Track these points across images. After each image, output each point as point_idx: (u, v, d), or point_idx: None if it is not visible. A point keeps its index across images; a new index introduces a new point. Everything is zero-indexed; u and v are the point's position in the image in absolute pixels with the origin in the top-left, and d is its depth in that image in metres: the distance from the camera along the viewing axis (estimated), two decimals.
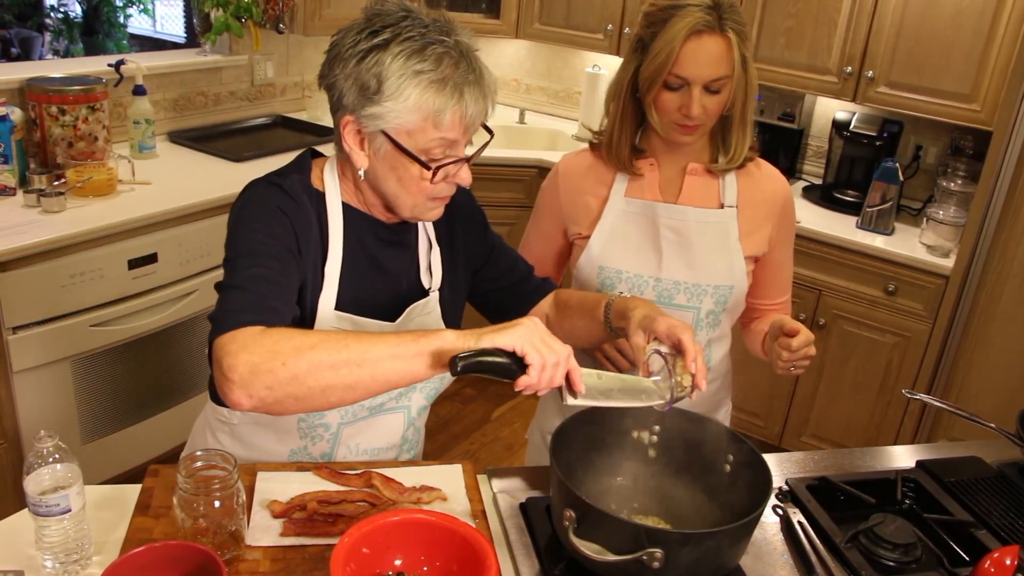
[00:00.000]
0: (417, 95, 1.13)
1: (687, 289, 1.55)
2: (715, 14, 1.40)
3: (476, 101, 1.16)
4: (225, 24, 3.19)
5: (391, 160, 1.19)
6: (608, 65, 3.67)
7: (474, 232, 1.45)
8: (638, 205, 1.56)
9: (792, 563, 1.25)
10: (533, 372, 1.06)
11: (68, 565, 1.10)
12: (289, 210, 1.20)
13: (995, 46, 2.64)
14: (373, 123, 1.16)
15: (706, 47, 1.40)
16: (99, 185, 2.51)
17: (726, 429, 1.29)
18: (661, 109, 1.47)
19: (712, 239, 1.55)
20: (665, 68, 1.42)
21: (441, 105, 1.14)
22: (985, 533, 1.31)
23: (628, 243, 1.56)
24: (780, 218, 1.61)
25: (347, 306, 1.27)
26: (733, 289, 1.56)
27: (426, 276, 1.38)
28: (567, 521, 1.09)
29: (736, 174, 1.58)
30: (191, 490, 1.09)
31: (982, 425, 1.53)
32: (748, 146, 1.55)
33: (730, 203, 1.57)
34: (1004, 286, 2.56)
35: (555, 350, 1.07)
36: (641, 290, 1.55)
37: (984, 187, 2.54)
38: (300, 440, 1.34)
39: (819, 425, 3.05)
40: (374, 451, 1.39)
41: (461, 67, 1.15)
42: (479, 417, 3.38)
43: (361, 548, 1.08)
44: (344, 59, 1.16)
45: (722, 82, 1.43)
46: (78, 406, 2.44)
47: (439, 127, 1.16)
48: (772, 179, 1.61)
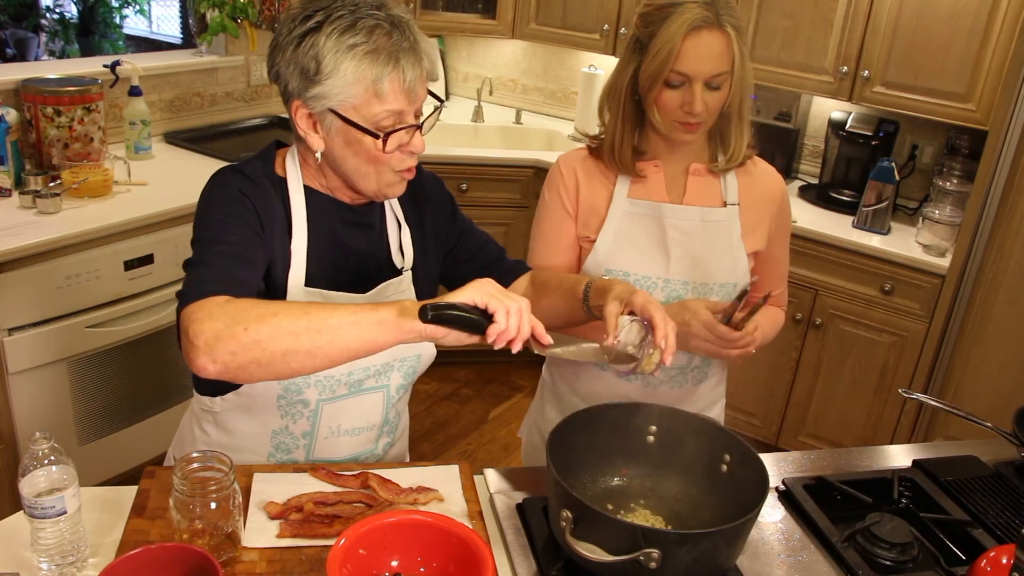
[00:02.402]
0: (354, 68, 1.16)
1: (695, 289, 1.55)
2: (712, 10, 1.40)
3: (412, 67, 1.19)
4: (221, 25, 3.18)
5: (344, 137, 1.23)
6: (604, 65, 3.67)
7: (442, 215, 1.48)
8: (644, 206, 1.56)
9: (789, 563, 1.26)
10: (500, 317, 1.09)
11: (64, 567, 1.10)
12: (250, 192, 1.24)
13: (990, 46, 2.64)
14: (320, 103, 1.20)
15: (706, 42, 1.41)
16: (95, 186, 2.50)
17: (723, 429, 1.29)
18: (663, 108, 1.47)
19: (717, 238, 1.56)
20: (666, 66, 1.42)
21: (378, 74, 1.17)
22: (981, 532, 1.31)
23: (635, 245, 1.56)
24: (778, 213, 1.63)
25: (317, 283, 1.30)
26: (737, 286, 1.56)
27: (398, 256, 1.41)
28: (564, 522, 1.09)
29: (736, 172, 1.59)
30: (187, 492, 1.09)
31: (978, 424, 1.53)
32: (747, 143, 1.56)
33: (732, 201, 1.58)
34: (1000, 285, 2.56)
35: (514, 298, 1.11)
36: (650, 291, 1.55)
37: (980, 186, 2.54)
38: (281, 420, 1.35)
39: (816, 425, 3.05)
40: (355, 431, 1.40)
41: (394, 36, 1.18)
42: (476, 418, 3.38)
43: (358, 549, 1.08)
44: (283, 47, 1.21)
45: (722, 78, 1.44)
46: (74, 408, 2.44)
47: (381, 97, 1.19)
48: (769, 175, 1.63)
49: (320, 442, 1.38)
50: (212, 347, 1.04)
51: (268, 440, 1.37)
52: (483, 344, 1.13)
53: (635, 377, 1.20)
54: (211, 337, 1.04)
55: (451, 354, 1.43)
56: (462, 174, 3.31)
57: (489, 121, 3.92)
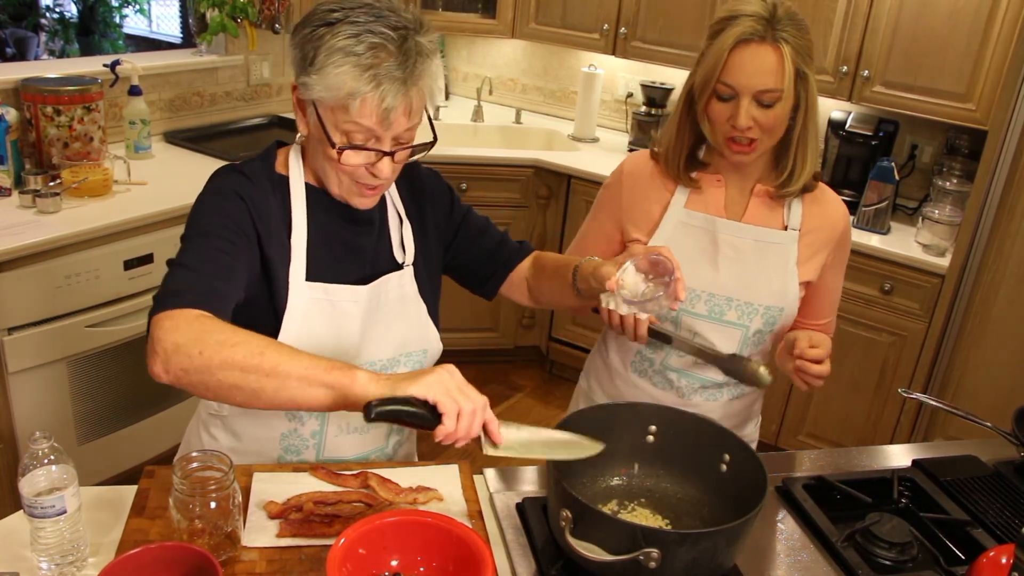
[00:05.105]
0: (336, 74, 1.16)
1: (739, 307, 1.55)
2: (768, 24, 1.39)
3: (395, 95, 1.17)
4: (221, 24, 3.18)
5: (318, 133, 1.24)
6: (604, 65, 3.67)
7: (441, 209, 1.48)
8: (699, 219, 1.55)
9: (789, 563, 1.26)
10: (448, 421, 1.05)
11: (64, 567, 1.10)
12: (246, 193, 1.25)
13: (990, 45, 2.64)
14: (306, 92, 1.21)
15: (754, 56, 1.39)
16: (95, 186, 2.50)
17: (723, 429, 1.29)
18: (713, 120, 1.46)
19: (771, 259, 1.55)
20: (713, 75, 1.42)
21: (354, 89, 1.16)
22: (981, 532, 1.31)
23: (685, 255, 1.54)
24: (837, 246, 1.60)
25: (317, 278, 1.31)
26: (783, 311, 1.56)
27: (399, 251, 1.41)
28: (563, 521, 1.09)
29: (802, 199, 1.57)
30: (187, 491, 1.09)
31: (978, 424, 1.53)
32: (810, 172, 1.52)
33: (794, 226, 1.56)
34: (1000, 285, 2.56)
35: (471, 398, 1.07)
36: (693, 303, 1.54)
37: (980, 186, 2.54)
38: (289, 422, 1.35)
39: (816, 424, 3.05)
40: (364, 428, 1.40)
41: (391, 61, 1.17)
42: None
43: (357, 549, 1.08)
44: (303, 26, 1.22)
45: (773, 95, 1.41)
46: (74, 407, 2.44)
47: (350, 112, 1.18)
48: (834, 206, 1.60)
49: (330, 441, 1.38)
50: (168, 358, 1.05)
51: (278, 443, 1.37)
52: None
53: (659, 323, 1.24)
54: (170, 349, 1.05)
55: (451, 354, 1.43)
56: (462, 174, 3.31)
57: (489, 121, 3.92)
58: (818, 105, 1.49)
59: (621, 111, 3.80)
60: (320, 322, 1.30)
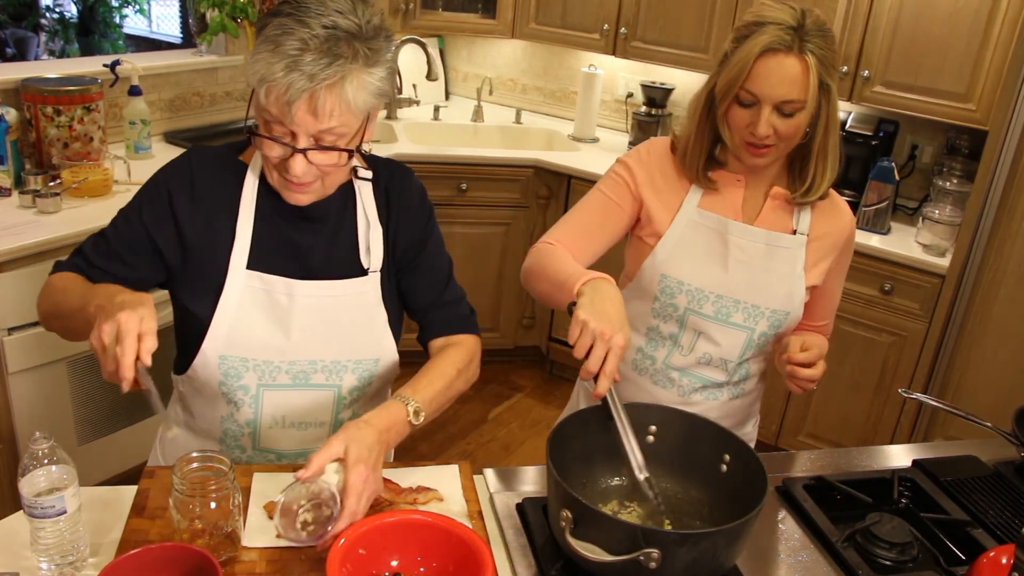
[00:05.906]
0: (257, 59, 1.18)
1: (746, 309, 1.55)
2: (795, 35, 1.38)
3: (299, 91, 1.15)
4: (221, 24, 3.18)
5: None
6: (604, 65, 3.67)
7: (417, 224, 1.43)
8: (711, 219, 1.55)
9: (789, 563, 1.26)
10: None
11: (64, 567, 1.10)
12: (175, 186, 1.32)
13: (990, 45, 2.64)
14: (249, 76, 1.23)
15: (780, 66, 1.39)
16: (95, 186, 2.50)
17: (723, 429, 1.29)
18: (732, 125, 1.47)
19: (779, 263, 1.55)
20: (737, 82, 1.41)
21: (265, 75, 1.17)
22: (981, 532, 1.31)
23: (695, 255, 1.55)
24: (842, 251, 1.61)
25: (258, 267, 1.34)
26: (789, 315, 1.56)
27: (365, 256, 1.39)
28: (564, 522, 1.09)
29: (811, 205, 1.57)
30: (187, 491, 1.09)
31: (978, 424, 1.53)
32: (830, 182, 1.52)
33: (803, 231, 1.56)
34: (1000, 285, 2.56)
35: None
36: (700, 304, 1.54)
37: (980, 186, 2.54)
38: (227, 406, 1.37)
39: (816, 424, 3.05)
40: (302, 425, 1.40)
41: (309, 57, 1.15)
42: (476, 417, 3.38)
43: (357, 549, 1.08)
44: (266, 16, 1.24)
45: (795, 105, 1.40)
46: (74, 407, 2.44)
47: (261, 97, 1.19)
48: (841, 212, 1.60)
49: (264, 431, 1.39)
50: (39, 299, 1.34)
51: (219, 425, 1.39)
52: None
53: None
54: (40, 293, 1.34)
55: None
56: (462, 174, 3.31)
57: (489, 121, 3.92)
58: (839, 115, 1.49)
59: (621, 111, 3.80)
60: (254, 310, 1.33)
